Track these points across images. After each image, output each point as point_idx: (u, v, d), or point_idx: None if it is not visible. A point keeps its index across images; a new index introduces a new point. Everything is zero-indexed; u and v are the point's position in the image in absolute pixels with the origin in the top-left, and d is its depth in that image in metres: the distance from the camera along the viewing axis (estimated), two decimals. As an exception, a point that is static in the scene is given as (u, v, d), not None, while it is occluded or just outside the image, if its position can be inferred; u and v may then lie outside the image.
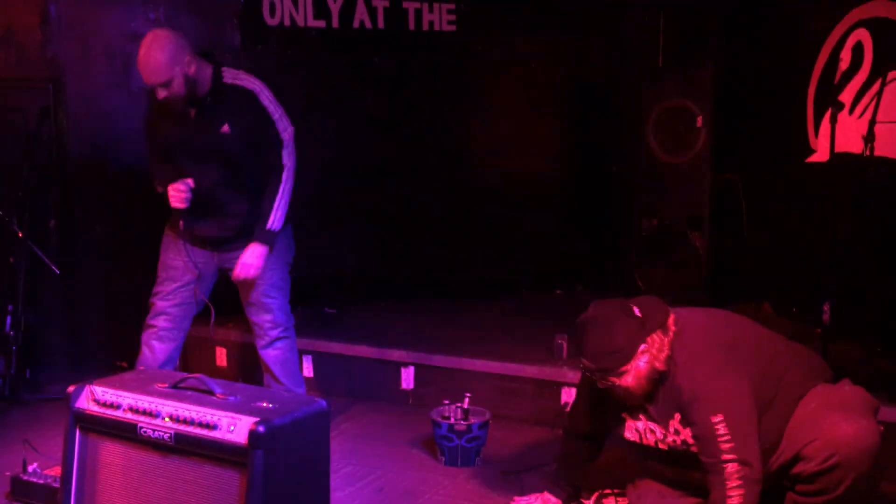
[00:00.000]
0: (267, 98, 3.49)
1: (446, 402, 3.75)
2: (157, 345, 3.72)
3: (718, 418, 2.54)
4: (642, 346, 2.63)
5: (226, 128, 3.48)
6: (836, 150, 3.86)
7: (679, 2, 5.18)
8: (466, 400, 3.69)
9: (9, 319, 4.43)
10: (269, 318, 3.78)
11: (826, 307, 3.69)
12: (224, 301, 3.81)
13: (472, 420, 3.63)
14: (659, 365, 2.64)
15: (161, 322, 3.72)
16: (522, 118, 5.71)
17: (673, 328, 2.69)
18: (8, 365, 4.45)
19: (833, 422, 2.57)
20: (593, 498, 3.10)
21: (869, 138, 3.81)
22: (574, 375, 3.15)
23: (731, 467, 2.50)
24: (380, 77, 5.42)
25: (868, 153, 3.83)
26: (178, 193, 3.49)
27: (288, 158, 3.51)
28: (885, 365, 3.80)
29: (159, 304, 3.73)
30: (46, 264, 4.30)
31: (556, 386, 4.06)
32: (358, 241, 5.41)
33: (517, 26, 5.58)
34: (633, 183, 5.26)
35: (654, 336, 2.65)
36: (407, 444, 3.90)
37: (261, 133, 3.51)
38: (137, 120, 3.81)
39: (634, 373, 2.64)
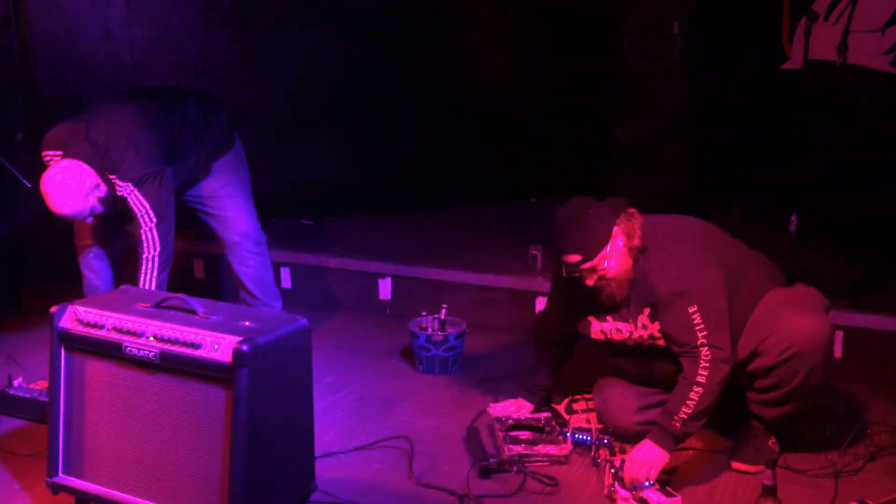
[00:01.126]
0: (134, 198, 3.41)
1: (424, 312, 3.82)
2: (97, 264, 3.74)
3: (693, 308, 2.70)
4: (616, 229, 2.74)
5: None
6: (810, 57, 3.86)
7: None
8: (443, 311, 3.77)
9: (-18, 235, 4.41)
10: (235, 233, 3.81)
11: (793, 217, 3.77)
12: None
13: (449, 330, 3.72)
14: (636, 241, 2.76)
15: (90, 239, 3.72)
16: (499, 27, 5.61)
17: (637, 215, 2.80)
18: (-16, 280, 4.45)
19: (788, 318, 2.75)
20: (564, 402, 3.20)
21: (842, 48, 3.81)
22: (548, 286, 3.22)
23: (703, 351, 2.68)
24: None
25: (840, 62, 3.84)
26: None
27: (148, 251, 3.44)
28: (848, 273, 3.92)
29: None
30: (17, 178, 4.23)
31: (531, 296, 4.16)
32: (335, 153, 5.37)
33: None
34: (608, 91, 5.22)
35: (622, 217, 2.77)
36: (385, 354, 3.99)
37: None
38: (101, 28, 3.70)
39: (616, 256, 2.74)
